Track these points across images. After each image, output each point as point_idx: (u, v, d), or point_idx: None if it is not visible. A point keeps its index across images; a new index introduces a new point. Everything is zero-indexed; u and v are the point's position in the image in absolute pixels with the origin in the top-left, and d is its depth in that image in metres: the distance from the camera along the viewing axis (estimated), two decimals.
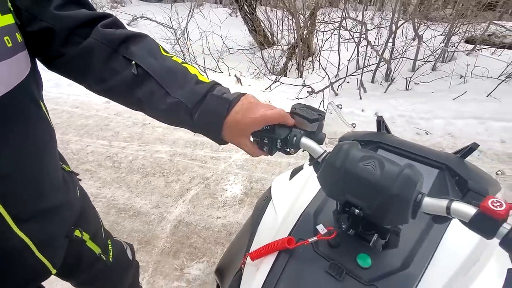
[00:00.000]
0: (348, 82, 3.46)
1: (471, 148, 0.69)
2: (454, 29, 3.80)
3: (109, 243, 0.82)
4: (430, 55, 3.67)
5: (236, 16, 6.07)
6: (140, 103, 0.47)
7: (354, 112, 2.63)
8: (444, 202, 0.36)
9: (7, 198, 0.41)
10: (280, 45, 4.56)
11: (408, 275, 0.46)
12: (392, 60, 3.34)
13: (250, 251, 0.55)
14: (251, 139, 0.50)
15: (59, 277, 0.72)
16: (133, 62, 0.45)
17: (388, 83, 3.28)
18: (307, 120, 0.48)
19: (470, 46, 4.25)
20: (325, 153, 0.46)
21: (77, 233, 0.62)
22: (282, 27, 4.89)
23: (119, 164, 2.23)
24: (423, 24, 3.96)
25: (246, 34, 5.08)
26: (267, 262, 0.53)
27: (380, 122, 0.85)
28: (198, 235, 1.66)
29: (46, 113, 0.48)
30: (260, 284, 0.50)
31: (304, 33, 3.87)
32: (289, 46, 4.26)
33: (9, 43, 0.38)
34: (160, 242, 1.62)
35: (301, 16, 3.85)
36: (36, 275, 0.52)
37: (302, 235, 0.52)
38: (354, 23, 3.33)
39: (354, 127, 0.93)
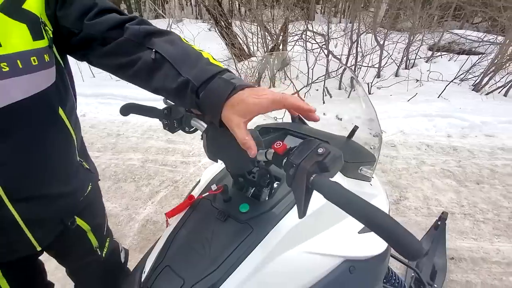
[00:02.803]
0: (317, 90, 3.69)
1: (353, 130, 0.87)
2: (413, 39, 4.14)
3: (107, 240, 0.88)
4: (392, 62, 3.99)
5: (215, 31, 6.32)
6: (157, 86, 0.51)
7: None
8: (263, 151, 0.51)
9: (5, 180, 0.50)
10: (256, 56, 4.80)
11: (273, 214, 0.61)
12: (357, 67, 3.61)
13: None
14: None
15: (55, 258, 0.80)
16: (153, 50, 0.50)
17: (351, 88, 3.53)
18: None
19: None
20: (205, 129, 0.61)
21: (78, 221, 0.71)
22: (258, 40, 5.16)
23: None
24: (387, 34, 4.29)
25: (224, 47, 5.31)
26: (178, 218, 0.67)
27: (294, 115, 1.02)
28: None
29: (65, 120, 0.58)
30: (169, 232, 0.64)
31: (277, 44, 4.12)
32: (262, 57, 4.50)
33: (35, 62, 0.46)
34: (127, 240, 1.72)
35: (272, 30, 4.11)
36: (22, 247, 0.61)
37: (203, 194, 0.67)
38: (314, 35, 3.60)
39: (276, 120, 1.09)
